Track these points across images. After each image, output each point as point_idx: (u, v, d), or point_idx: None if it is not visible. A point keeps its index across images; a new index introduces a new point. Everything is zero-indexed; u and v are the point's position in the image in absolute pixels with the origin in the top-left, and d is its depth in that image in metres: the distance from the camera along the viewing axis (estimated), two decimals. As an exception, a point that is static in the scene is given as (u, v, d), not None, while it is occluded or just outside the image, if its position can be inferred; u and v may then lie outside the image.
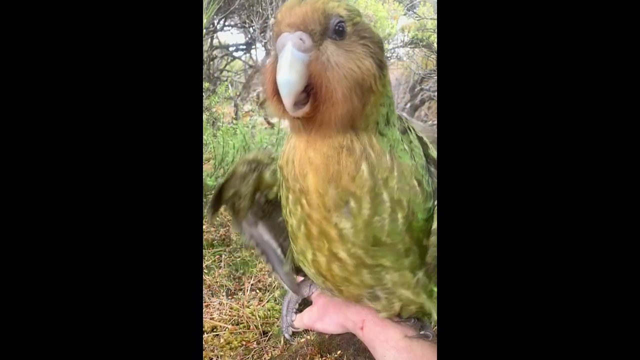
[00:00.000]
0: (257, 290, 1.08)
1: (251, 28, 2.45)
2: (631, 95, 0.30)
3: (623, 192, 0.30)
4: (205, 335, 0.86)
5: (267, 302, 1.00)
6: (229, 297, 1.03)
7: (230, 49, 2.92)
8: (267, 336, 0.89)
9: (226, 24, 2.68)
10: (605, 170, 0.30)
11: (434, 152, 0.49)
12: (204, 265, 1.11)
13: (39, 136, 0.32)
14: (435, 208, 0.46)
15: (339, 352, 0.79)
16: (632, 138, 0.30)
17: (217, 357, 0.82)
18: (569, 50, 0.31)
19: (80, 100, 0.33)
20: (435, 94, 2.55)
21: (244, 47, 2.90)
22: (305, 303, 0.83)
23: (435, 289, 0.51)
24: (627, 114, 0.30)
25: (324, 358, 0.79)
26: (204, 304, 0.96)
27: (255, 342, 0.87)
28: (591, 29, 0.31)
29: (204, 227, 1.28)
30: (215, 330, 0.89)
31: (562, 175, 0.31)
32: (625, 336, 0.29)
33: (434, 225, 0.47)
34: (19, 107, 0.32)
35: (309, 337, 0.83)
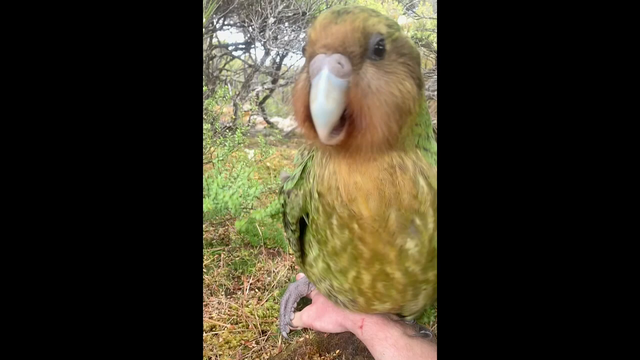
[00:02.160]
0: (256, 290, 1.08)
1: (250, 27, 2.45)
2: (631, 95, 0.30)
3: (622, 188, 0.30)
4: (204, 335, 0.86)
5: (266, 301, 1.00)
6: (228, 297, 1.03)
7: (230, 48, 2.91)
8: (266, 335, 0.89)
9: (225, 23, 2.67)
10: (605, 168, 0.30)
11: None
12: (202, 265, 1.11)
13: (39, 138, 0.32)
14: None
15: (337, 351, 0.79)
16: (632, 137, 0.30)
17: (216, 356, 0.82)
18: (569, 49, 0.31)
19: (80, 99, 0.33)
20: (435, 93, 2.55)
21: (243, 46, 2.90)
22: (304, 302, 0.83)
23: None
24: (626, 113, 0.30)
25: (322, 357, 0.79)
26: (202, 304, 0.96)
27: (254, 342, 0.87)
28: (591, 27, 0.31)
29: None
30: (214, 329, 0.89)
31: (563, 177, 0.31)
32: (625, 336, 0.29)
33: None
34: (18, 108, 0.31)
35: (307, 336, 0.83)
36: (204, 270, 1.07)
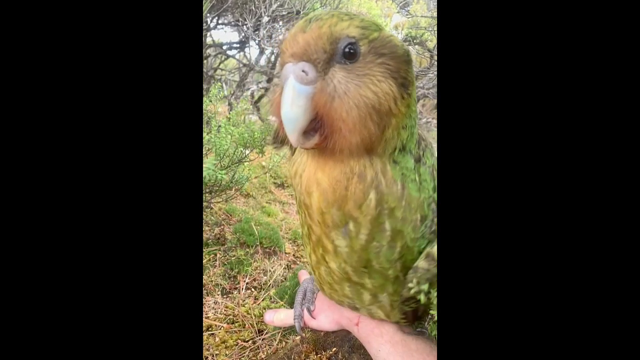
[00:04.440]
0: (252, 289, 1.08)
1: (245, 26, 2.44)
2: (630, 94, 0.30)
3: (622, 188, 0.30)
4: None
5: (263, 300, 1.00)
6: (224, 296, 1.03)
7: (224, 47, 2.90)
8: (262, 335, 0.89)
9: (219, 22, 2.66)
10: (604, 166, 0.31)
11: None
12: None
13: (38, 136, 0.32)
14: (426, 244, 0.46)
15: (334, 349, 0.79)
16: (632, 137, 0.30)
17: (213, 356, 0.82)
18: (568, 46, 0.31)
19: (79, 97, 0.33)
20: (429, 91, 2.56)
21: (238, 45, 2.88)
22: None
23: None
24: (626, 111, 0.30)
25: (319, 355, 0.79)
26: (199, 303, 0.95)
27: (250, 341, 0.87)
28: (590, 25, 0.31)
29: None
30: (210, 329, 0.89)
31: (563, 175, 0.31)
32: (625, 336, 0.29)
33: (416, 263, 0.46)
34: (16, 106, 0.31)
35: (304, 334, 0.83)
36: (199, 270, 1.07)
